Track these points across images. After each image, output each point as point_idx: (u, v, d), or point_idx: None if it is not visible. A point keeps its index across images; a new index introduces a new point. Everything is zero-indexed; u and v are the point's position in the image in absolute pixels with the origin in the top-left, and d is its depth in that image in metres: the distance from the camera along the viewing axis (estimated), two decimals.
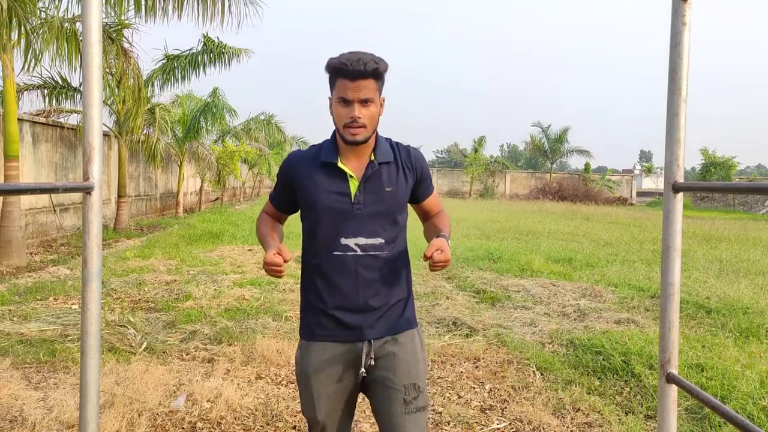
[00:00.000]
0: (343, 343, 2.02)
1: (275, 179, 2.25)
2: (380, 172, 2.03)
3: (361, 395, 2.13)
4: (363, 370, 1.99)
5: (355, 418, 3.57)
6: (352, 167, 2.02)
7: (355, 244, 1.99)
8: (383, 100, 2.03)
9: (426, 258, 1.89)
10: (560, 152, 43.20)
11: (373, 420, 3.62)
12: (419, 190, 2.16)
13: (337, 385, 2.04)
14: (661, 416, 1.19)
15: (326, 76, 1.99)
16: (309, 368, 2.04)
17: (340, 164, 2.01)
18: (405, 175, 2.07)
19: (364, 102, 1.92)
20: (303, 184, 2.05)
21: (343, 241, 1.99)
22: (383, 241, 2.02)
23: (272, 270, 1.92)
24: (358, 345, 2.01)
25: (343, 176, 2.01)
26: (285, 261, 1.92)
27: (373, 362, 2.00)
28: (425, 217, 2.27)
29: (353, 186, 2.01)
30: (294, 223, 2.25)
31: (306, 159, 2.09)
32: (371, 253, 2.01)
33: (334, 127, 2.04)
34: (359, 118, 1.92)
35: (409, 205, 2.16)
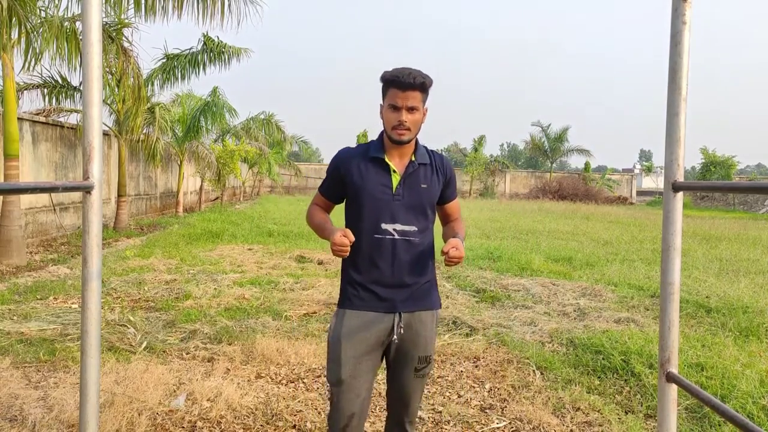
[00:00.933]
0: (377, 312, 2.37)
1: (325, 174, 2.59)
2: (419, 170, 2.42)
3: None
4: (395, 337, 2.37)
5: None
6: (395, 164, 2.40)
7: (393, 229, 2.36)
8: (426, 110, 2.40)
9: (443, 253, 2.26)
10: (560, 151, 43.17)
11: (372, 420, 3.62)
12: (446, 193, 2.54)
13: (364, 349, 2.36)
14: (661, 415, 1.19)
15: (374, 84, 2.42)
16: (342, 331, 2.37)
17: (386, 159, 2.39)
18: (437, 177, 2.46)
19: (411, 109, 2.30)
20: (352, 174, 2.41)
21: (383, 225, 2.35)
22: (416, 229, 2.38)
23: (340, 250, 2.25)
24: (390, 316, 2.37)
25: (388, 170, 2.39)
26: (350, 242, 2.25)
27: (402, 330, 2.37)
28: (446, 219, 2.64)
29: (395, 180, 2.39)
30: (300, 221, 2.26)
31: (355, 154, 2.45)
32: (406, 238, 2.37)
33: (380, 129, 2.43)
34: (405, 122, 2.30)
35: None
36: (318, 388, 4.23)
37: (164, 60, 15.46)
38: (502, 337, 5.46)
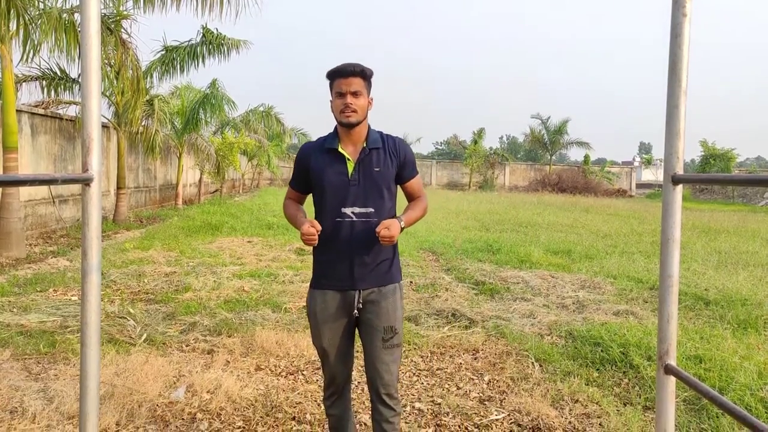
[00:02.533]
0: (339, 291, 2.62)
1: (293, 167, 2.83)
2: (371, 155, 2.61)
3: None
4: (356, 311, 2.59)
5: (355, 410, 3.59)
6: (349, 152, 2.61)
7: (351, 212, 2.56)
8: (371, 100, 2.63)
9: (376, 233, 2.46)
10: (560, 144, 43.14)
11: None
12: (403, 173, 2.70)
13: (335, 322, 2.63)
14: (659, 407, 1.19)
15: (326, 81, 2.61)
16: (315, 308, 2.65)
17: (340, 149, 2.60)
18: (391, 159, 2.64)
19: (354, 93, 2.53)
20: (313, 166, 2.63)
21: (343, 209, 2.56)
22: (373, 210, 2.58)
23: (309, 239, 2.48)
24: (351, 293, 2.60)
25: (342, 159, 2.60)
26: (317, 231, 2.47)
27: (361, 306, 2.60)
28: (409, 197, 2.81)
29: (350, 166, 2.59)
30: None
31: (315, 147, 2.69)
32: (364, 219, 2.57)
33: (335, 123, 2.62)
34: (351, 104, 2.52)
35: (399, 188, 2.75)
36: (317, 380, 4.25)
37: (163, 52, 15.41)
38: (501, 329, 5.47)
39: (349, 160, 2.59)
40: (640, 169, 59.33)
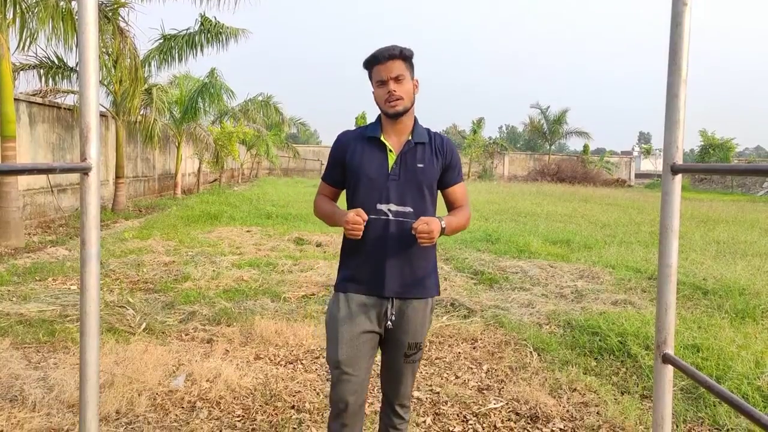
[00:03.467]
0: (369, 296, 2.35)
1: (326, 159, 2.64)
2: (415, 150, 2.37)
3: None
4: (389, 323, 2.33)
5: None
6: (392, 143, 2.38)
7: (388, 210, 2.32)
8: (417, 81, 2.38)
9: (413, 229, 2.20)
10: (559, 134, 43.09)
11: (370, 401, 3.65)
12: (447, 176, 2.44)
13: (358, 332, 2.33)
14: (657, 396, 1.20)
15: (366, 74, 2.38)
16: (338, 314, 2.36)
17: (382, 138, 2.37)
18: (436, 158, 2.39)
19: (397, 79, 2.28)
20: (350, 155, 2.39)
21: (379, 206, 2.31)
22: (412, 210, 2.32)
23: (354, 229, 2.22)
24: (382, 301, 2.34)
25: (384, 149, 2.37)
26: (364, 220, 2.23)
27: (394, 318, 2.33)
28: (449, 206, 2.52)
29: (391, 159, 2.35)
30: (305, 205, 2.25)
31: (354, 135, 2.45)
32: (401, 219, 2.32)
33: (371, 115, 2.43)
34: (395, 91, 2.27)
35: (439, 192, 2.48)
36: (317, 369, 4.26)
37: (161, 41, 15.35)
38: (499, 318, 5.49)
39: (391, 151, 2.35)
40: (639, 159, 59.32)
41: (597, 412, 3.64)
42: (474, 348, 4.81)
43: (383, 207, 2.31)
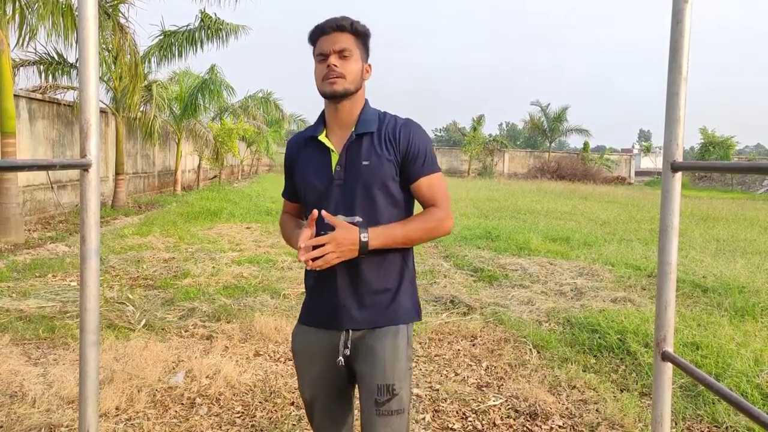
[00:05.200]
0: (323, 329, 1.94)
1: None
2: (360, 143, 1.88)
3: None
4: (340, 358, 1.87)
5: None
6: (334, 141, 1.92)
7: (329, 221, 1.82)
8: (370, 66, 1.95)
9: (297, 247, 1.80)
10: (559, 131, 43.06)
11: None
12: (408, 169, 1.90)
13: (318, 370, 1.96)
14: (656, 393, 1.20)
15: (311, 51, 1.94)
16: (296, 349, 2.03)
17: (320, 137, 1.92)
18: (387, 149, 1.88)
19: (341, 53, 1.84)
20: (296, 163, 2.01)
21: (321, 213, 1.83)
22: (360, 219, 1.85)
23: (308, 259, 1.78)
24: (336, 334, 1.90)
25: (325, 150, 1.92)
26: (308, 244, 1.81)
27: (347, 352, 1.87)
28: (422, 206, 1.98)
29: (334, 160, 1.90)
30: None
31: (299, 138, 2.05)
32: None
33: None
34: (336, 66, 1.82)
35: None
36: None
37: (161, 37, 15.33)
38: (499, 316, 5.49)
39: (333, 151, 1.90)
40: (639, 157, 59.25)
41: (596, 410, 3.64)
42: (473, 345, 4.81)
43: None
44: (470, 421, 3.48)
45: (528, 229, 11.21)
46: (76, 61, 11.93)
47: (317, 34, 1.88)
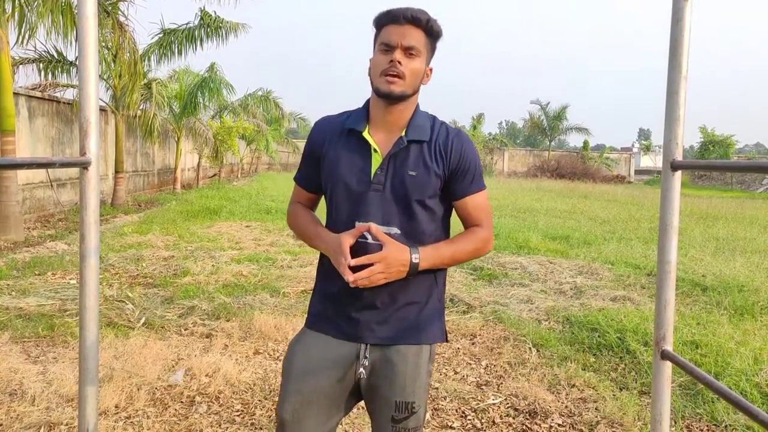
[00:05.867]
0: (337, 339, 1.79)
1: (301, 153, 1.96)
2: (408, 151, 1.74)
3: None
4: (361, 371, 1.75)
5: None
6: (378, 140, 1.76)
7: (368, 231, 1.71)
8: (430, 70, 1.79)
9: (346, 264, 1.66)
10: (559, 130, 43.05)
11: None
12: (455, 185, 1.79)
13: (314, 384, 1.77)
14: (655, 392, 1.20)
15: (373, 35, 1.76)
16: (294, 357, 1.82)
17: (365, 134, 1.75)
18: (436, 161, 1.75)
19: (409, 50, 1.68)
20: (326, 152, 1.81)
21: (358, 224, 1.73)
22: (398, 231, 1.73)
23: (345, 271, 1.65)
24: (353, 346, 1.77)
25: (367, 148, 1.76)
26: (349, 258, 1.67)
27: (367, 364, 1.76)
28: (463, 223, 1.90)
29: (375, 162, 1.75)
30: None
31: (333, 124, 1.84)
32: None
33: (367, 96, 1.81)
34: (399, 63, 1.66)
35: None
36: None
37: (161, 35, 15.30)
38: (498, 314, 5.49)
39: (375, 151, 1.74)
40: (639, 156, 59.24)
41: (595, 408, 3.65)
42: (473, 344, 4.81)
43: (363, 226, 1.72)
44: (469, 420, 3.49)
45: (527, 228, 11.21)
46: (76, 59, 11.91)
47: (386, 20, 1.71)
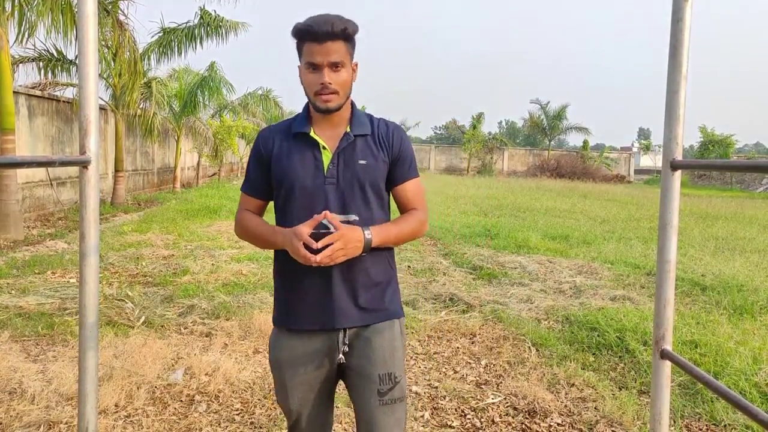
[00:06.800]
0: (316, 331, 1.91)
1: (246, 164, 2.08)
2: (355, 144, 1.91)
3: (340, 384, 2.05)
4: (341, 356, 1.88)
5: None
6: (325, 138, 1.91)
7: (327, 222, 1.82)
8: (356, 65, 1.91)
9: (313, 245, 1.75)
10: (559, 129, 43.03)
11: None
12: (395, 171, 1.97)
13: (309, 374, 1.93)
14: (655, 391, 1.20)
15: (293, 43, 1.88)
16: (281, 355, 1.95)
17: (312, 134, 1.90)
18: (381, 150, 1.94)
19: (334, 66, 1.81)
20: (276, 157, 1.94)
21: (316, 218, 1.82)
22: (356, 218, 1.88)
23: (305, 253, 1.74)
24: (332, 334, 1.90)
25: (316, 147, 1.91)
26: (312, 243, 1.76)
27: (347, 349, 1.89)
28: (401, 208, 2.04)
29: (326, 158, 1.90)
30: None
31: (279, 131, 1.98)
32: None
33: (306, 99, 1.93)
34: (330, 83, 1.81)
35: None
36: None
37: (161, 34, 15.29)
38: (498, 313, 5.49)
39: (324, 148, 1.90)
40: (639, 155, 59.24)
41: (595, 408, 3.65)
42: (472, 343, 4.81)
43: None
44: (469, 419, 3.49)
45: (527, 227, 11.21)
46: (76, 58, 11.92)
47: (306, 38, 1.82)
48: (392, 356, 1.91)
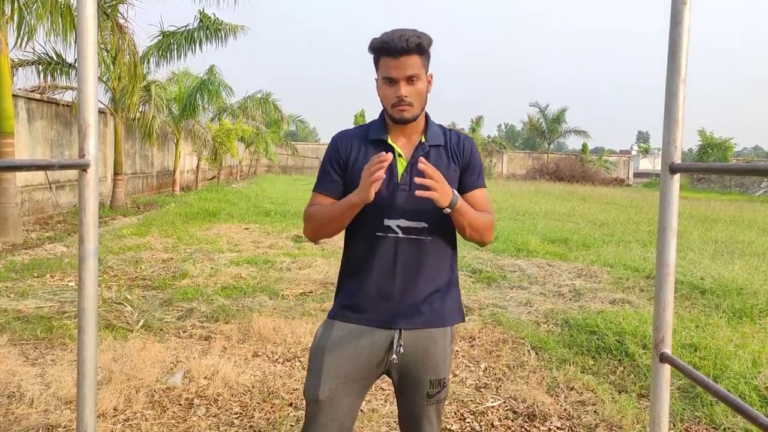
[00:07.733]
0: (372, 327, 1.97)
1: (320, 164, 2.12)
2: (429, 154, 1.98)
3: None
4: (394, 357, 1.93)
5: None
6: (400, 146, 2.00)
7: (397, 226, 1.94)
8: (431, 77, 2.00)
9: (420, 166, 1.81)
10: (558, 132, 43.08)
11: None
12: (464, 180, 2.04)
13: (351, 370, 1.96)
14: (654, 395, 1.20)
15: (369, 57, 1.97)
16: (327, 344, 1.98)
17: (390, 141, 1.99)
18: (452, 161, 2.02)
19: (410, 79, 1.90)
20: (354, 160, 2.00)
21: (386, 221, 1.94)
22: (426, 225, 1.95)
23: (379, 167, 1.76)
24: (387, 332, 1.96)
25: (392, 154, 1.91)
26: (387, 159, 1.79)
27: (402, 351, 1.94)
28: None
29: (401, 165, 1.97)
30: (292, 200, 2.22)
31: (356, 136, 2.06)
32: (413, 237, 1.95)
33: (381, 108, 2.02)
34: (406, 96, 1.90)
35: None
36: None
37: (160, 37, 15.31)
38: (497, 317, 5.49)
39: (400, 156, 1.97)
40: (638, 158, 59.35)
41: (594, 411, 3.65)
42: (472, 346, 4.81)
43: (391, 223, 1.94)
44: (468, 423, 3.48)
45: (526, 231, 11.21)
46: (75, 61, 11.92)
47: (382, 53, 1.90)
48: (444, 362, 2.02)
